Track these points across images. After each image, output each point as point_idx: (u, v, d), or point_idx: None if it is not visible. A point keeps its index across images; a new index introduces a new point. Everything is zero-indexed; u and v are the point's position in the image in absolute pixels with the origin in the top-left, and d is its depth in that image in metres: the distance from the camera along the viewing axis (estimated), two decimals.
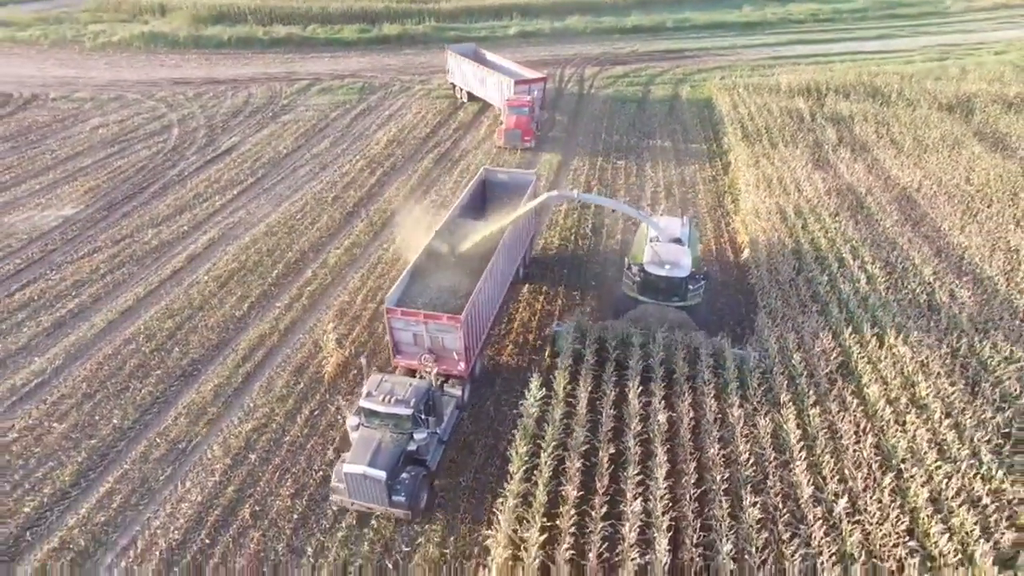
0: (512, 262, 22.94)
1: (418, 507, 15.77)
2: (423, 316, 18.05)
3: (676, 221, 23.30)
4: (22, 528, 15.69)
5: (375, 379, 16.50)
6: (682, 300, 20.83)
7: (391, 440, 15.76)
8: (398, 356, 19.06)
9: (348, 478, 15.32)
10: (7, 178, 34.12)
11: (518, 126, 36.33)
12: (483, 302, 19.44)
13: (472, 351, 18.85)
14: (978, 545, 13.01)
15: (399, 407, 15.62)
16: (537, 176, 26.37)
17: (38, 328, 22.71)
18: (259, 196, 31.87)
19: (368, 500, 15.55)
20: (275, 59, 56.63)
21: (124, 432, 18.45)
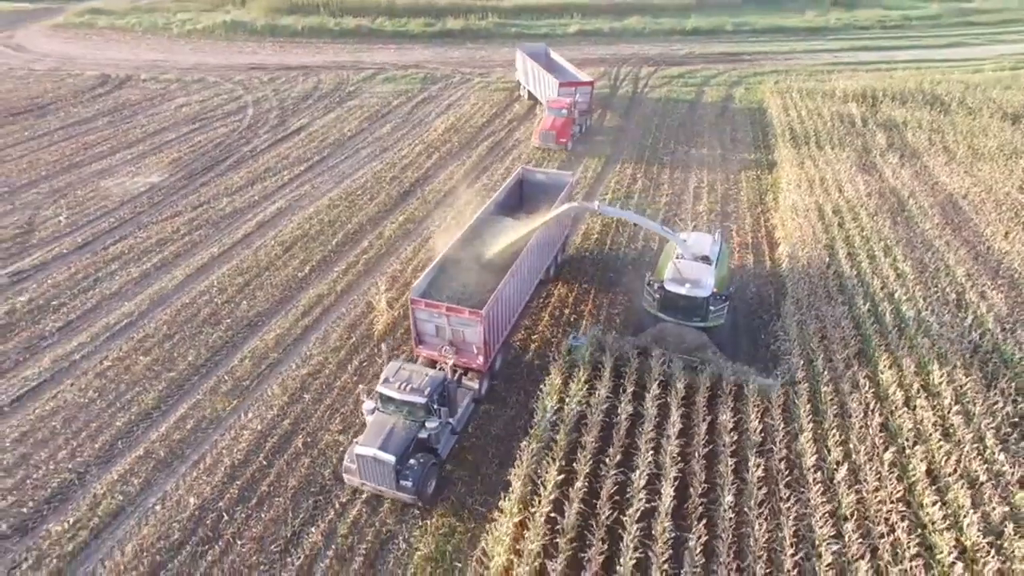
0: (542, 261, 22.92)
1: (425, 493, 16.06)
2: (445, 309, 18.28)
3: (706, 238, 22.67)
4: (113, 438, 18.22)
5: (393, 366, 16.98)
6: (703, 321, 20.03)
7: (403, 426, 16.15)
8: (420, 346, 19.36)
9: (359, 460, 15.82)
10: (104, 148, 37.72)
11: (553, 127, 36.59)
12: (507, 299, 19.54)
13: (492, 346, 18.97)
14: (968, 516, 13.80)
15: (414, 395, 16.01)
16: (574, 177, 26.74)
17: (127, 278, 25.56)
18: (324, 173, 34.36)
19: (377, 482, 15.97)
20: (344, 49, 59.70)
21: (197, 368, 20.87)
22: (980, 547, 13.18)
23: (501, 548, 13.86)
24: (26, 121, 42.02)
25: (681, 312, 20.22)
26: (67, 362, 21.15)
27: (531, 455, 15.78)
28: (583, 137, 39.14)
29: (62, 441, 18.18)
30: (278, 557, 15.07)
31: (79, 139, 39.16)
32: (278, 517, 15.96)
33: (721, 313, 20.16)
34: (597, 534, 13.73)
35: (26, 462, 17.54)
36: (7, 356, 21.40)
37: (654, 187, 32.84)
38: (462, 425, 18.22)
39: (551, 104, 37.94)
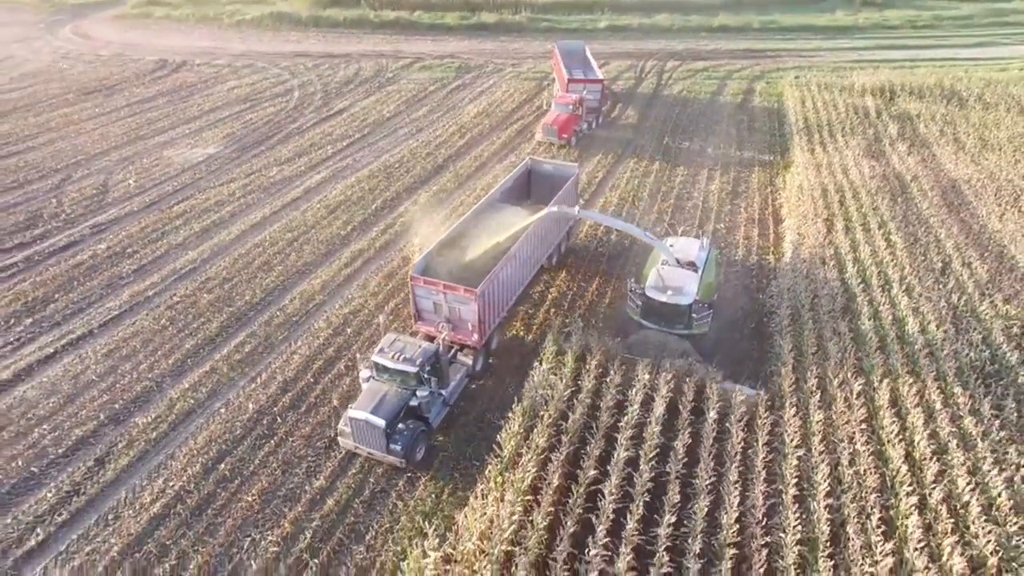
0: (543, 248, 23.36)
1: (413, 457, 16.91)
2: (443, 286, 19.01)
3: (694, 243, 22.52)
4: (184, 357, 21.22)
5: (390, 338, 17.82)
6: (686, 328, 19.74)
7: (395, 394, 17.01)
8: (419, 322, 20.18)
9: (352, 423, 16.79)
10: (165, 123, 41.25)
11: (556, 123, 36.82)
12: (503, 281, 20.08)
13: (486, 324, 19.55)
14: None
15: (406, 365, 16.84)
16: (580, 169, 27.17)
17: (190, 232, 28.69)
18: (364, 148, 37.27)
19: (369, 445, 16.88)
20: (383, 39, 62.85)
21: (253, 306, 23.80)
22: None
23: (492, 496, 14.82)
24: (96, 99, 45.89)
25: (664, 319, 19.87)
26: (142, 297, 24.30)
27: (522, 415, 16.66)
28: (601, 126, 40.98)
29: (142, 357, 21.26)
30: (323, 452, 17.79)
31: (143, 115, 42.80)
32: (323, 421, 18.69)
33: (706, 321, 19.78)
34: (576, 497, 14.45)
35: (114, 372, 20.64)
36: (93, 291, 24.64)
37: (670, 168, 34.93)
38: (454, 398, 18.98)
39: (558, 100, 38.62)
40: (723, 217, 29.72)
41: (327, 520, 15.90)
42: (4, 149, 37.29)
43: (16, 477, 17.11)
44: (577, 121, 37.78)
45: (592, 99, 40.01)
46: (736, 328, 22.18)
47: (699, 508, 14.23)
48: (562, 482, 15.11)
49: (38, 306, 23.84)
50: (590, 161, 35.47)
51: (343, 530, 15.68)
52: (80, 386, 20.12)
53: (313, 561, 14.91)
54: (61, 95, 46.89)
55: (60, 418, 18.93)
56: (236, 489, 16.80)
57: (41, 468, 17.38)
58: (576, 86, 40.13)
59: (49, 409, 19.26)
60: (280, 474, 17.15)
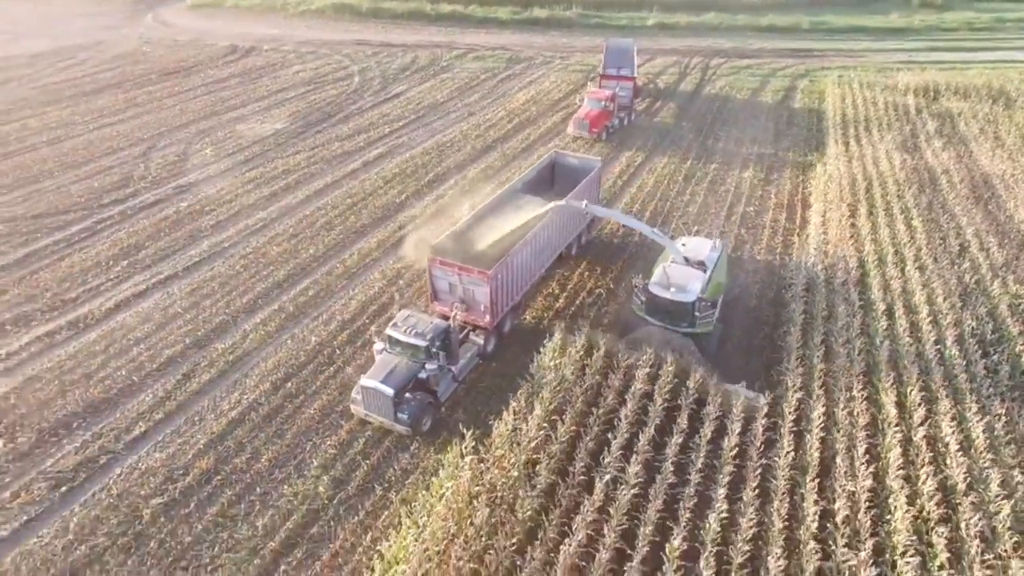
0: (561, 238, 23.75)
1: (419, 427, 17.69)
2: (458, 268, 19.59)
3: (706, 243, 22.42)
4: (256, 297, 24.10)
5: (404, 313, 18.83)
6: (690, 326, 19.67)
7: (405, 366, 17.83)
8: (435, 302, 20.86)
9: (363, 391, 17.71)
10: (237, 102, 44.82)
11: (587, 117, 37.67)
12: (517, 266, 20.57)
13: (499, 307, 20.09)
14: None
15: (416, 339, 17.71)
16: (601, 164, 27.45)
17: (260, 195, 31.77)
18: (418, 129, 39.98)
19: (378, 413, 17.70)
20: (438, 31, 65.76)
21: (316, 259, 26.59)
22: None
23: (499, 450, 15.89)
24: (176, 79, 49.94)
25: (668, 316, 19.87)
26: (219, 248, 27.37)
27: (531, 389, 17.53)
28: (639, 120, 42.42)
29: (219, 296, 24.23)
30: None
31: (217, 94, 46.51)
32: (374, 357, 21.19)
33: (709, 320, 19.79)
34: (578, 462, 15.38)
35: (196, 306, 23.65)
36: (177, 241, 27.86)
37: (706, 157, 36.47)
38: (464, 375, 19.73)
39: (591, 95, 39.35)
40: (753, 201, 31.23)
41: (378, 432, 18.35)
42: (99, 121, 41.32)
43: (121, 384, 20.15)
44: (609, 116, 38.72)
45: (624, 96, 40.61)
46: (750, 319, 22.91)
47: (704, 433, 16.20)
48: (584, 407, 17.26)
49: (132, 251, 27.15)
50: (625, 153, 37.07)
51: (391, 440, 18.10)
52: (168, 316, 23.18)
53: (365, 463, 17.39)
54: (145, 75, 51.13)
55: (153, 341, 21.98)
56: (300, 404, 19.45)
57: (140, 378, 20.39)
58: (609, 82, 41.07)
59: (144, 333, 22.35)
60: (337, 394, 19.69)
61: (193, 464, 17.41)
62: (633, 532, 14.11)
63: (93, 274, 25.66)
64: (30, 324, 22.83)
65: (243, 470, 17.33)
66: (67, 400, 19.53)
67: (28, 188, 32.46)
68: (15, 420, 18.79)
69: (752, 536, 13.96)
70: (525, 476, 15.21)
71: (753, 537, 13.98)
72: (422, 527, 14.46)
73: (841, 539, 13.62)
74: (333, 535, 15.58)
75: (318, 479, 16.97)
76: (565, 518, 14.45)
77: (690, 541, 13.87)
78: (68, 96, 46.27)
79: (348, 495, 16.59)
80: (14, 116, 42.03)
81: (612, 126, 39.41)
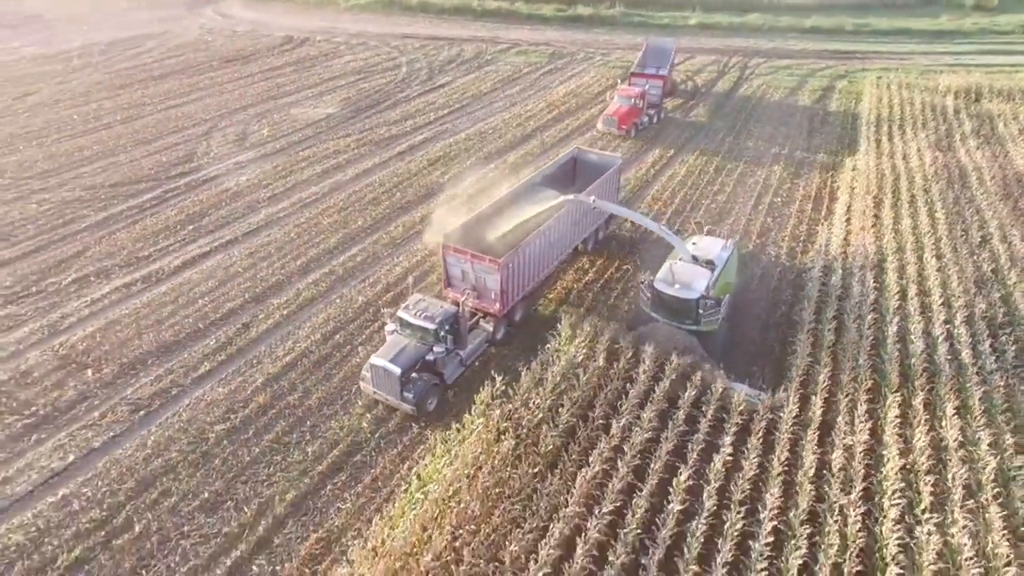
0: (577, 232, 24.14)
1: (424, 407, 18.28)
2: (470, 255, 20.13)
3: (717, 243, 22.54)
4: (308, 261, 26.30)
5: (415, 297, 19.60)
6: (695, 324, 19.85)
7: (414, 347, 18.46)
8: (448, 288, 21.37)
9: (372, 369, 18.37)
10: (291, 88, 47.50)
11: (616, 114, 38.39)
12: (530, 256, 20.99)
13: (509, 295, 20.53)
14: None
15: (425, 322, 18.46)
16: (621, 160, 27.87)
17: (313, 172, 34.07)
18: (462, 117, 41.93)
19: (385, 391, 18.31)
20: (484, 26, 67.74)
21: (364, 229, 28.68)
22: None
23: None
24: (235, 67, 52.98)
25: (673, 313, 20.08)
26: (275, 218, 29.69)
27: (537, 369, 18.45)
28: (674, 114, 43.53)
29: (275, 259, 26.47)
30: None
31: (273, 80, 49.28)
32: None
33: (714, 319, 19.88)
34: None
35: (254, 267, 25.92)
36: (236, 210, 30.28)
37: (738, 150, 37.46)
38: (471, 359, 20.38)
39: (621, 92, 39.89)
40: (781, 193, 32.21)
41: None
42: (166, 103, 44.43)
43: (189, 330, 22.48)
44: (638, 114, 39.22)
45: (654, 94, 40.98)
46: (770, 299, 23.82)
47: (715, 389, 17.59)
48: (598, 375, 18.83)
49: (196, 218, 29.66)
50: (658, 146, 38.10)
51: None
52: (229, 275, 25.49)
53: (407, 406, 19.21)
54: (207, 62, 54.33)
55: (216, 295, 24.29)
56: (347, 353, 21.44)
57: (204, 326, 22.68)
58: (639, 80, 41.61)
59: (207, 288, 24.69)
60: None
61: (251, 399, 19.53)
62: (644, 468, 15.63)
63: (163, 236, 28.21)
64: (110, 277, 25.41)
65: (295, 406, 19.37)
66: (143, 341, 21.93)
67: (105, 160, 35.42)
68: (101, 355, 21.24)
69: (752, 477, 15.34)
70: (549, 417, 16.86)
71: (753, 478, 15.37)
72: (454, 455, 16.23)
73: (835, 482, 14.91)
74: (374, 462, 17.47)
75: (361, 416, 18.90)
76: (583, 454, 16.05)
77: (695, 479, 15.33)
78: (138, 80, 49.63)
79: (388, 431, 18.47)
80: (92, 98, 45.44)
81: (641, 123, 39.97)
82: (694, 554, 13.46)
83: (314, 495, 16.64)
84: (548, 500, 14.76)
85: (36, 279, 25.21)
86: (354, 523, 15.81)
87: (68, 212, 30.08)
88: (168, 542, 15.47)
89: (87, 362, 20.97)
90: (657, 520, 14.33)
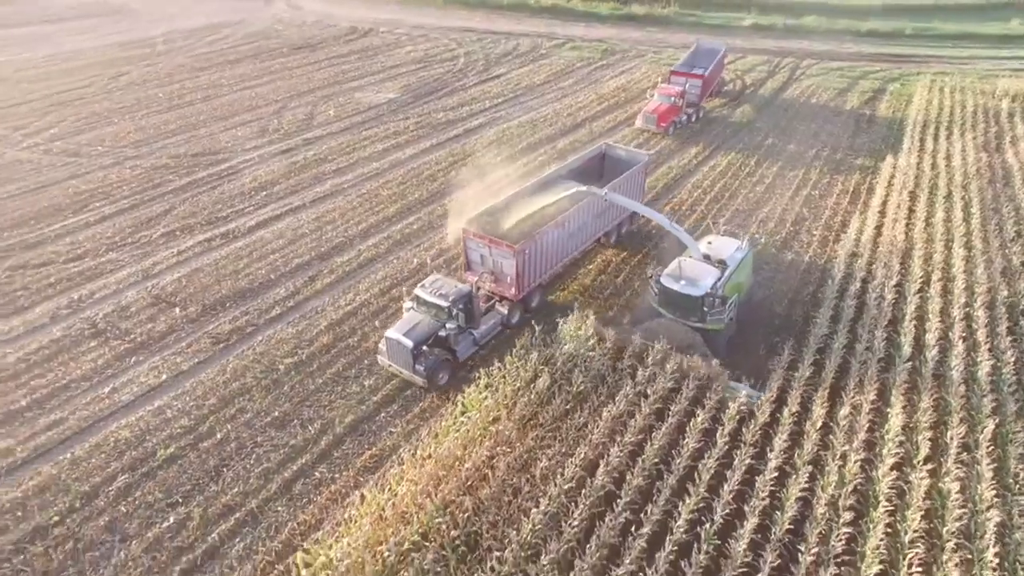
0: (598, 225, 24.66)
1: (435, 381, 19.19)
2: (489, 241, 20.95)
3: (732, 243, 22.43)
4: (369, 226, 28.79)
5: (433, 277, 20.59)
6: (700, 321, 19.93)
7: (428, 323, 19.38)
8: (468, 271, 22.24)
9: (388, 342, 19.40)
10: (355, 74, 50.45)
11: (656, 111, 38.88)
12: (546, 245, 21.71)
13: (525, 280, 21.19)
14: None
15: (440, 299, 19.29)
16: (648, 157, 28.34)
17: (374, 150, 36.69)
18: (516, 105, 44.04)
19: (399, 363, 19.29)
20: (540, 22, 69.70)
21: (420, 201, 31.06)
22: None
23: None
24: (303, 54, 56.37)
25: (679, 310, 20.25)
26: (339, 188, 32.35)
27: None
28: (719, 112, 44.66)
29: (339, 223, 29.05)
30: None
31: (338, 67, 52.34)
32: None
33: (720, 317, 19.90)
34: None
35: (320, 229, 28.54)
36: (304, 180, 33.07)
37: (780, 146, 38.29)
38: (485, 340, 21.18)
39: (661, 91, 40.30)
40: (819, 187, 33.09)
41: None
42: (241, 84, 47.94)
43: (261, 279, 25.17)
44: (677, 112, 39.67)
45: (693, 93, 41.22)
46: (800, 280, 24.91)
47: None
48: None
49: (268, 186, 32.53)
50: (702, 139, 39.23)
51: None
52: (297, 236, 28.15)
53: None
54: (278, 49, 57.92)
55: (285, 252, 26.95)
56: (401, 307, 23.67)
57: (275, 277, 25.34)
58: (678, 79, 41.83)
59: (278, 246, 27.38)
60: None
61: (316, 339, 21.99)
62: (664, 411, 17.36)
63: (238, 200, 31.13)
64: (193, 232, 28.38)
65: (354, 347, 21.71)
66: (222, 287, 24.70)
67: (188, 134, 38.83)
68: (186, 297, 24.09)
69: (764, 424, 16.90)
70: (580, 362, 18.72)
71: (764, 425, 16.92)
72: (495, 387, 18.24)
73: (840, 432, 16.33)
74: (422, 397, 19.63)
75: None
76: (609, 395, 17.87)
77: (711, 424, 16.97)
78: (216, 64, 53.43)
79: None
80: (175, 79, 49.34)
81: (680, 122, 40.36)
82: (704, 482, 15.13)
83: (369, 420, 18.92)
84: (576, 430, 16.67)
85: (131, 231, 28.40)
86: (403, 444, 17.96)
87: (156, 177, 33.39)
88: (244, 449, 17.96)
89: (175, 301, 23.85)
90: (673, 453, 16.07)
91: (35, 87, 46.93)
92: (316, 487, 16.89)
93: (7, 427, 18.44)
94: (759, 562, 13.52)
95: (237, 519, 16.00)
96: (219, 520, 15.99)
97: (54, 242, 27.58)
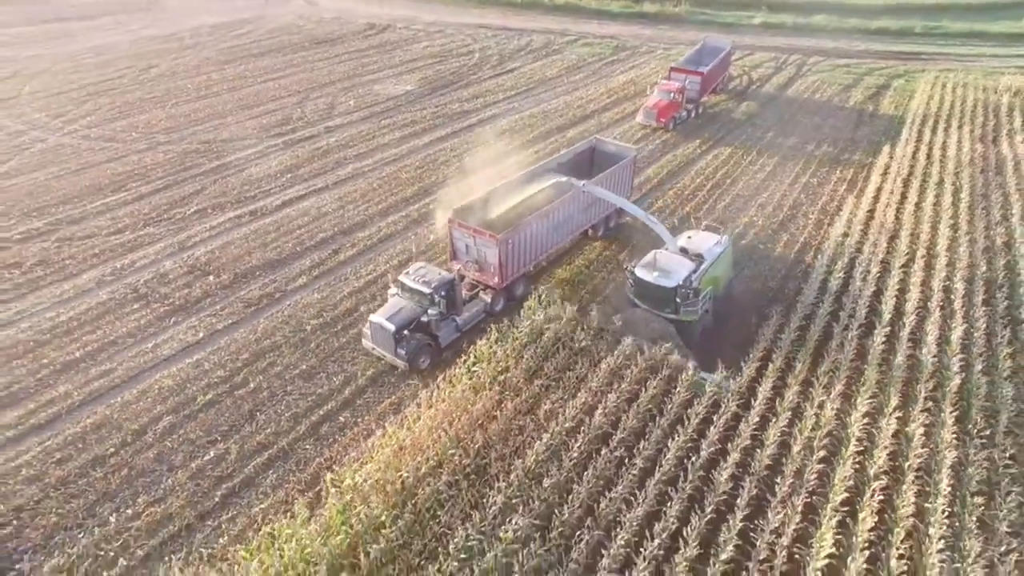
0: (584, 218, 25.09)
1: (416, 364, 19.81)
2: (472, 230, 21.47)
3: (711, 237, 22.80)
4: (388, 207, 30.61)
5: (417, 264, 21.28)
6: (673, 313, 20.44)
7: (410, 309, 19.94)
8: (453, 260, 22.84)
9: (371, 325, 20.10)
10: (374, 67, 52.39)
11: (656, 107, 39.72)
12: (531, 235, 22.08)
13: (508, 270, 21.72)
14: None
15: (422, 286, 19.90)
16: (636, 152, 29.22)
17: (392, 137, 38.54)
18: (528, 98, 45.75)
19: (381, 347, 19.96)
20: (554, 20, 71.36)
21: (437, 184, 32.76)
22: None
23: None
24: (324, 48, 58.44)
25: (653, 301, 20.72)
26: (360, 171, 34.21)
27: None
28: (718, 109, 46.17)
29: (360, 203, 30.90)
30: None
31: (357, 61, 54.31)
32: None
33: (694, 309, 20.41)
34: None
35: (342, 209, 30.41)
36: (326, 165, 34.97)
37: (782, 138, 39.64)
38: (468, 326, 21.64)
39: (661, 87, 41.15)
40: (818, 175, 34.45)
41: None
42: (265, 76, 50.05)
43: (288, 252, 27.06)
44: (677, 108, 40.27)
45: (692, 90, 41.74)
46: (793, 257, 26.51)
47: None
48: None
49: (293, 169, 34.45)
50: (703, 133, 40.53)
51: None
52: (321, 213, 30.02)
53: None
54: (299, 43, 60.02)
55: (310, 228, 28.83)
56: None
57: (301, 250, 27.22)
58: (678, 75, 42.58)
59: (303, 223, 29.26)
60: None
61: (339, 304, 23.81)
62: (659, 365, 18.97)
63: (265, 181, 33.07)
64: (224, 210, 30.33)
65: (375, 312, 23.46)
66: (252, 258, 26.60)
67: (216, 122, 40.90)
68: (219, 266, 26.01)
69: (753, 372, 18.47)
70: (582, 323, 20.40)
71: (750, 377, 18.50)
72: (506, 340, 19.93)
73: (819, 385, 17.87)
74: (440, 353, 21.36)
75: None
76: (608, 350, 19.51)
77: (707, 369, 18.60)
78: (240, 57, 55.62)
79: None
80: (202, 71, 51.55)
81: (680, 117, 41.08)
82: (693, 425, 16.73)
83: (388, 373, 20.66)
84: (577, 380, 18.34)
85: (166, 208, 30.41)
86: (420, 394, 19.68)
87: (188, 160, 35.42)
88: (275, 396, 19.79)
89: (209, 270, 25.77)
90: (665, 400, 17.69)
91: (72, 79, 49.29)
92: (340, 429, 18.67)
93: (65, 375, 20.42)
94: (739, 490, 15.10)
95: (270, 455, 17.81)
96: (254, 455, 17.81)
97: (96, 217, 29.64)
